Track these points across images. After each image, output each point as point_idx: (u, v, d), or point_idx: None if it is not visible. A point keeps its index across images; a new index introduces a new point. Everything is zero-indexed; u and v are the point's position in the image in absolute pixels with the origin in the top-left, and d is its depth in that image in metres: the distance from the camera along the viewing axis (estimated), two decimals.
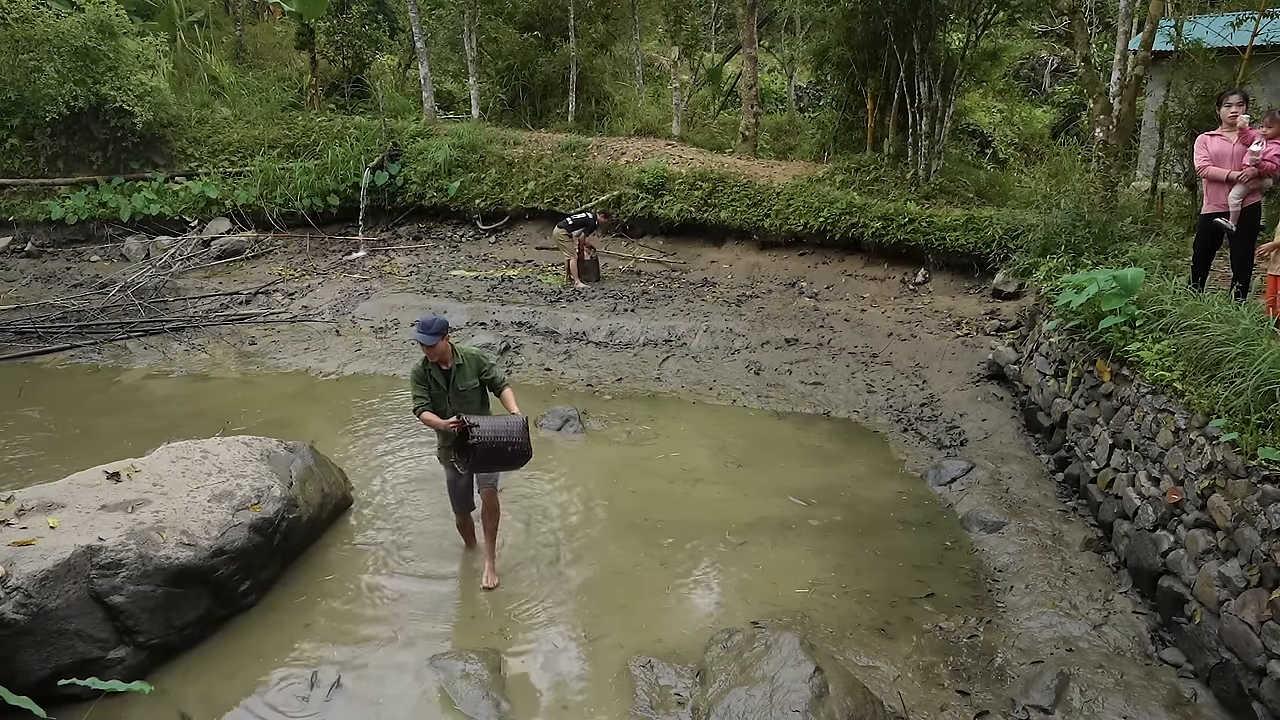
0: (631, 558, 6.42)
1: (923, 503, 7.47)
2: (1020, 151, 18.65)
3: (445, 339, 5.62)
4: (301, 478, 6.50)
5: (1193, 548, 5.22)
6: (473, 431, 5.49)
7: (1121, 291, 6.82)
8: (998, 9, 13.27)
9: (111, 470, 5.91)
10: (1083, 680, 5.05)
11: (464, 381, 5.77)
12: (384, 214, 15.99)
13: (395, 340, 11.26)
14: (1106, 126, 10.69)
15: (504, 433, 5.57)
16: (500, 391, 5.90)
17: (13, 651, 4.61)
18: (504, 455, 5.63)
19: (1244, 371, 5.15)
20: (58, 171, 15.04)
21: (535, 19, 18.88)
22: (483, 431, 5.52)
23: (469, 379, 5.78)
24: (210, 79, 18.03)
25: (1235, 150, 6.96)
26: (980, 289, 12.02)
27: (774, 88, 22.90)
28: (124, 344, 11.16)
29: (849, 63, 14.28)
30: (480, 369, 5.84)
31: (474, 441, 5.51)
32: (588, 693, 5.02)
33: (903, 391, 9.69)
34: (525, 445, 5.64)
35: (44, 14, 14.44)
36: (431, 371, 5.73)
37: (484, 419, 5.64)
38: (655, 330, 11.19)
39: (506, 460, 5.69)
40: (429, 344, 5.56)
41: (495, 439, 5.53)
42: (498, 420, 5.65)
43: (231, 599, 5.57)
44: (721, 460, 8.13)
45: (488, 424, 5.57)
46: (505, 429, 5.58)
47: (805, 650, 4.79)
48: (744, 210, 13.82)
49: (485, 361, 5.90)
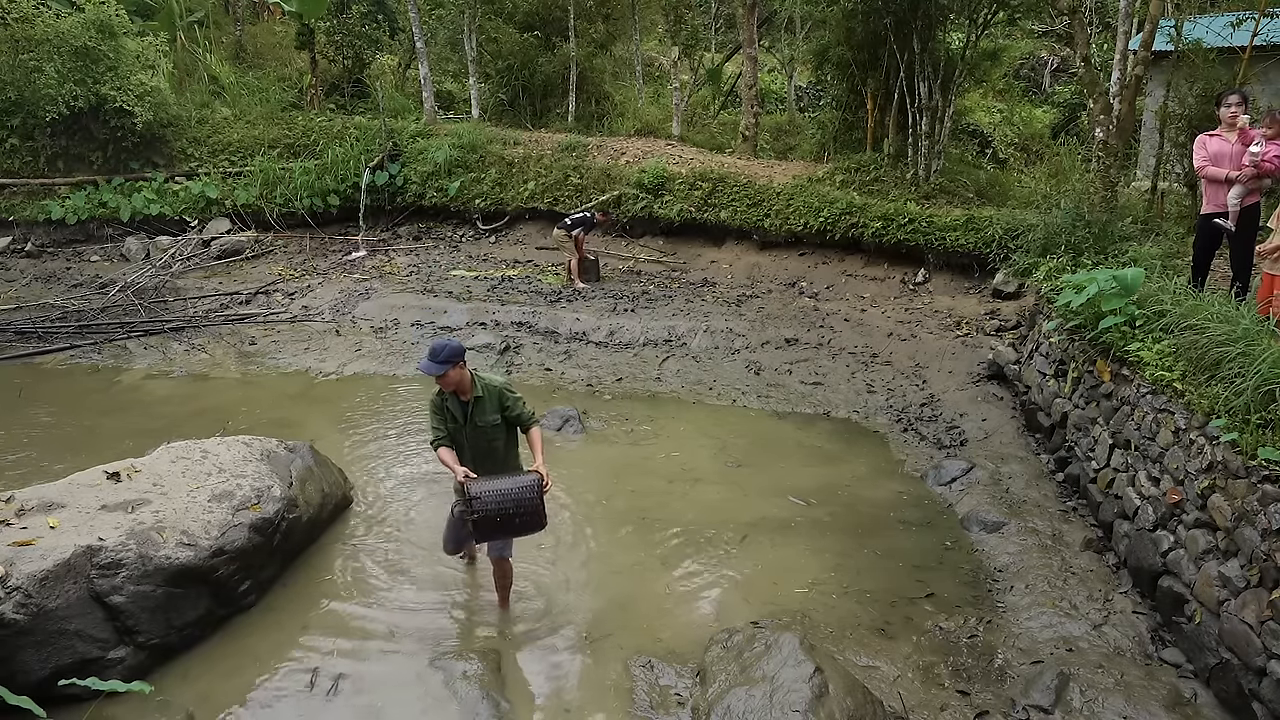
0: (631, 557, 6.42)
1: (923, 503, 7.47)
2: (1020, 151, 18.65)
3: (459, 368, 5.02)
4: (301, 478, 6.50)
5: (1193, 548, 5.22)
6: (473, 504, 4.87)
7: (1121, 291, 6.82)
8: (998, 9, 13.27)
9: (111, 470, 5.91)
10: (1083, 680, 5.05)
11: (483, 416, 5.19)
12: (384, 214, 15.99)
13: (395, 340, 11.27)
14: (1106, 126, 10.69)
15: (510, 500, 4.91)
16: (527, 430, 5.32)
17: (13, 651, 4.61)
18: (510, 526, 4.99)
19: (1244, 371, 5.15)
20: (58, 171, 15.04)
21: (535, 19, 18.88)
22: (485, 502, 4.86)
23: (489, 414, 5.19)
24: (210, 79, 18.03)
25: (1234, 150, 6.96)
26: (980, 289, 12.03)
27: (774, 88, 22.90)
28: (124, 344, 11.16)
29: (849, 63, 14.28)
30: (503, 404, 5.24)
31: (474, 516, 4.90)
32: (588, 693, 5.02)
33: (903, 391, 9.69)
34: (535, 512, 4.98)
35: (44, 14, 14.43)
36: (448, 402, 5.17)
37: (488, 484, 4.93)
38: (655, 330, 11.19)
39: (514, 530, 5.07)
40: (435, 374, 4.99)
41: (500, 508, 4.87)
42: (504, 483, 4.97)
43: (231, 599, 5.57)
44: (721, 460, 8.13)
45: (492, 490, 4.90)
46: (511, 495, 4.91)
47: (805, 650, 4.79)
48: (744, 210, 13.82)
49: (509, 396, 5.28)
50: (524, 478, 5.02)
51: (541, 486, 5.01)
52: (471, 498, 4.86)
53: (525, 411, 5.32)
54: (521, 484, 4.97)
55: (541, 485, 5.02)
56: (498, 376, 5.37)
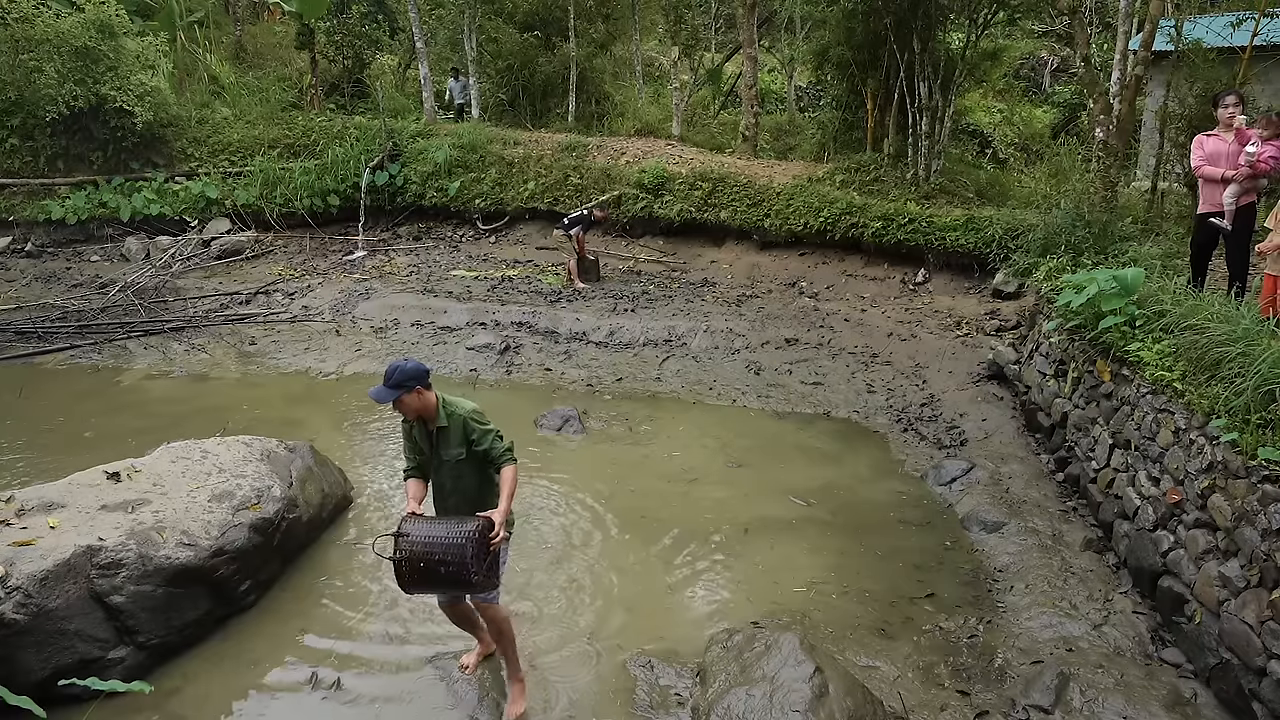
0: (631, 557, 6.42)
1: (923, 503, 7.47)
2: (1020, 151, 18.67)
3: (418, 393, 4.33)
4: (301, 478, 6.50)
5: (1193, 548, 5.21)
6: (398, 542, 4.20)
7: (1121, 291, 6.82)
8: (998, 9, 13.28)
9: (111, 470, 5.90)
10: (1083, 680, 5.04)
11: (448, 449, 4.49)
12: (384, 214, 16.00)
13: (395, 340, 11.27)
14: (1106, 126, 10.70)
15: (437, 545, 4.14)
16: (499, 469, 4.54)
17: (13, 651, 4.61)
18: (435, 577, 4.20)
19: (1244, 371, 5.15)
20: (58, 171, 15.05)
21: (535, 19, 18.90)
22: (411, 542, 4.18)
23: (453, 447, 4.48)
24: (210, 79, 18.05)
25: (1231, 150, 6.96)
26: (980, 289, 12.03)
27: (774, 88, 22.92)
28: (124, 344, 11.16)
29: (849, 63, 14.29)
30: (468, 436, 4.47)
31: (396, 556, 4.20)
32: (588, 692, 5.02)
33: (903, 391, 9.69)
34: (462, 565, 4.12)
35: (44, 14, 14.44)
36: (414, 430, 4.58)
37: (423, 524, 4.28)
38: (655, 330, 11.19)
39: (439, 582, 4.27)
40: (385, 401, 4.30)
41: (426, 552, 4.14)
42: (438, 527, 4.25)
43: (231, 599, 5.57)
44: (721, 460, 8.13)
45: (422, 531, 4.21)
46: (440, 540, 4.15)
47: (805, 650, 4.79)
48: (744, 210, 13.82)
49: (475, 426, 4.47)
50: (464, 523, 4.25)
51: (484, 537, 4.22)
52: (397, 535, 4.24)
53: (496, 447, 4.50)
54: (458, 529, 4.19)
55: (484, 535, 4.22)
56: (466, 402, 4.55)
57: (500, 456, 4.52)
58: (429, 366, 4.48)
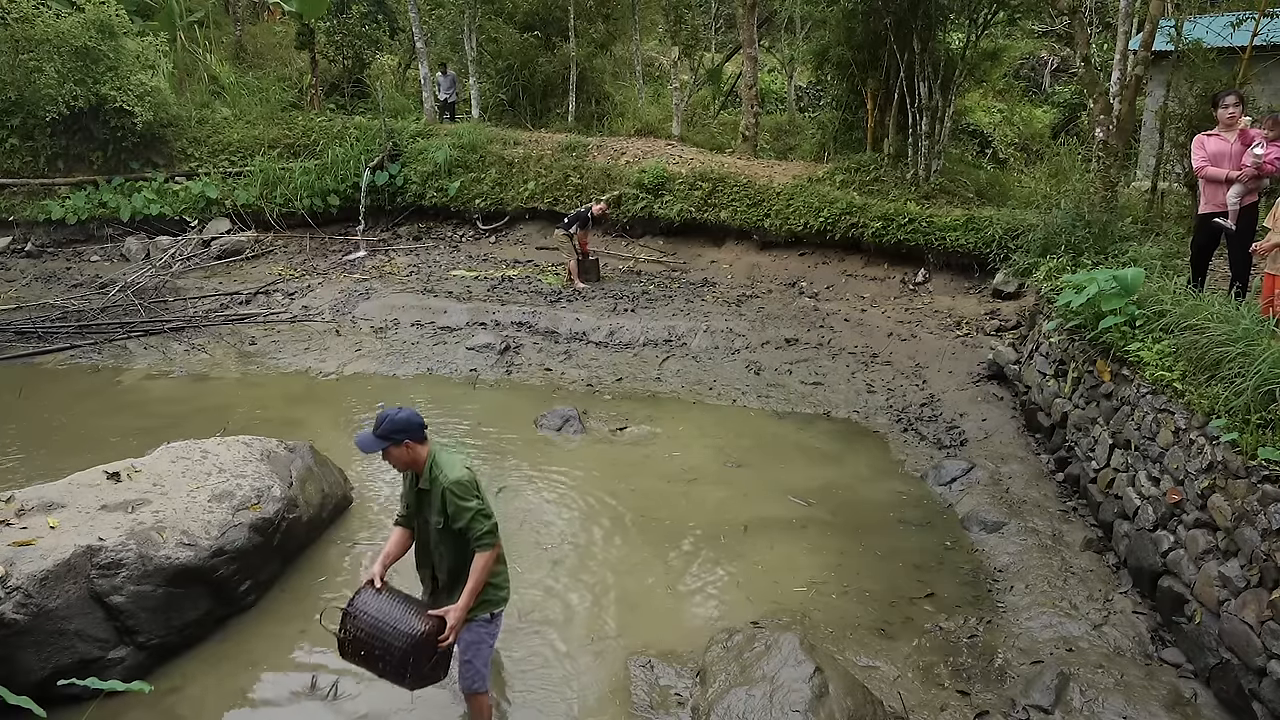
0: (631, 557, 6.42)
1: (923, 503, 7.47)
2: (1020, 151, 18.67)
3: (406, 447, 3.96)
4: (301, 478, 6.50)
5: (1193, 548, 5.22)
6: (344, 617, 3.96)
7: (1121, 291, 6.82)
8: (998, 9, 13.28)
9: (111, 470, 5.91)
10: (1083, 680, 5.04)
11: (429, 512, 4.07)
12: (384, 214, 16.01)
13: (395, 340, 11.27)
14: (1106, 126, 10.70)
15: (380, 639, 3.88)
16: (474, 551, 4.00)
17: (13, 651, 4.61)
18: (373, 662, 3.97)
19: (1244, 371, 5.15)
20: (58, 171, 15.05)
21: (535, 19, 18.90)
22: (357, 623, 3.93)
23: (433, 513, 4.04)
24: (210, 79, 18.06)
25: (1234, 150, 6.96)
26: (980, 289, 12.03)
27: (774, 88, 22.92)
28: (124, 344, 11.16)
29: (849, 63, 14.30)
30: (445, 507, 3.97)
31: (340, 634, 3.99)
32: (588, 692, 5.02)
33: (903, 391, 9.69)
34: (399, 665, 3.91)
35: (44, 14, 14.44)
36: (405, 478, 4.23)
37: (377, 603, 3.96)
38: (655, 330, 11.19)
39: (377, 669, 4.01)
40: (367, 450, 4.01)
41: (369, 641, 3.90)
42: (388, 612, 3.93)
43: (231, 599, 5.57)
44: (721, 460, 8.13)
45: (372, 613, 3.92)
46: (385, 630, 3.88)
47: (805, 650, 4.79)
48: (744, 210, 13.83)
49: (455, 500, 3.94)
50: (416, 619, 3.93)
51: (432, 640, 3.92)
52: (346, 611, 3.97)
53: (474, 528, 3.95)
54: (406, 625, 3.90)
55: (432, 638, 3.92)
56: (455, 470, 3.99)
57: (478, 539, 3.97)
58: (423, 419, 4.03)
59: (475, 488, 4.02)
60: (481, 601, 4.11)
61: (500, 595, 4.25)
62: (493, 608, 4.20)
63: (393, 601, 4.00)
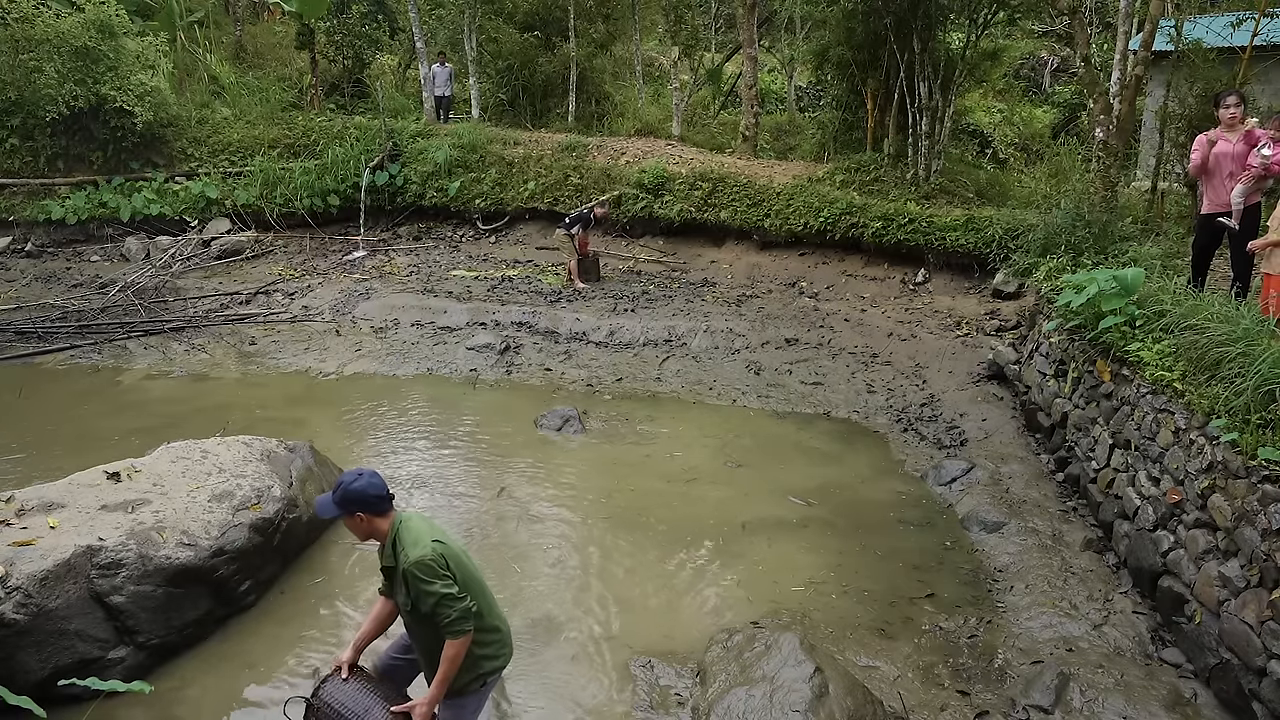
0: (631, 557, 6.42)
1: (923, 503, 7.47)
2: (1020, 151, 18.67)
3: (358, 519, 3.66)
4: (302, 478, 6.50)
5: (1193, 548, 5.22)
6: (308, 706, 3.81)
7: (1121, 291, 6.82)
8: (998, 9, 13.28)
9: (111, 470, 5.91)
10: (1083, 680, 5.04)
11: (399, 592, 3.71)
12: (384, 214, 16.01)
13: (395, 340, 11.27)
14: (1106, 126, 10.70)
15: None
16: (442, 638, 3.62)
17: (13, 651, 4.61)
18: None
19: (1244, 371, 5.16)
20: (58, 171, 15.05)
21: (535, 19, 18.90)
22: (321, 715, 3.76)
23: (400, 594, 3.69)
24: (210, 79, 18.05)
25: (1236, 150, 6.96)
26: (980, 289, 12.03)
27: (774, 88, 22.92)
28: (124, 344, 11.16)
29: (849, 63, 14.30)
30: (409, 588, 3.61)
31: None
32: (588, 693, 5.02)
33: (903, 391, 9.69)
34: None
35: (44, 14, 14.44)
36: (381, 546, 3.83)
37: (338, 691, 3.76)
38: (655, 330, 11.19)
39: None
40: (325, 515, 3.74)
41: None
42: (359, 704, 3.73)
43: (231, 599, 5.57)
44: (721, 460, 8.13)
45: (334, 706, 3.73)
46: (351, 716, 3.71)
47: (805, 650, 4.79)
48: (744, 210, 13.83)
49: (417, 582, 3.56)
50: (380, 714, 3.71)
51: None
52: (309, 699, 3.81)
53: (441, 614, 3.55)
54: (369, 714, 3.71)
55: None
56: (420, 544, 3.59)
57: (446, 626, 3.57)
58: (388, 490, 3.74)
59: (440, 566, 3.57)
60: (474, 677, 3.75)
61: (494, 665, 3.83)
62: (486, 678, 3.82)
63: (360, 692, 3.77)
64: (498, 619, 3.89)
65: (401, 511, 3.79)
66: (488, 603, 3.82)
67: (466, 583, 3.68)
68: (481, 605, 3.75)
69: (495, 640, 3.84)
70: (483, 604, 3.77)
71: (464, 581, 3.66)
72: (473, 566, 3.81)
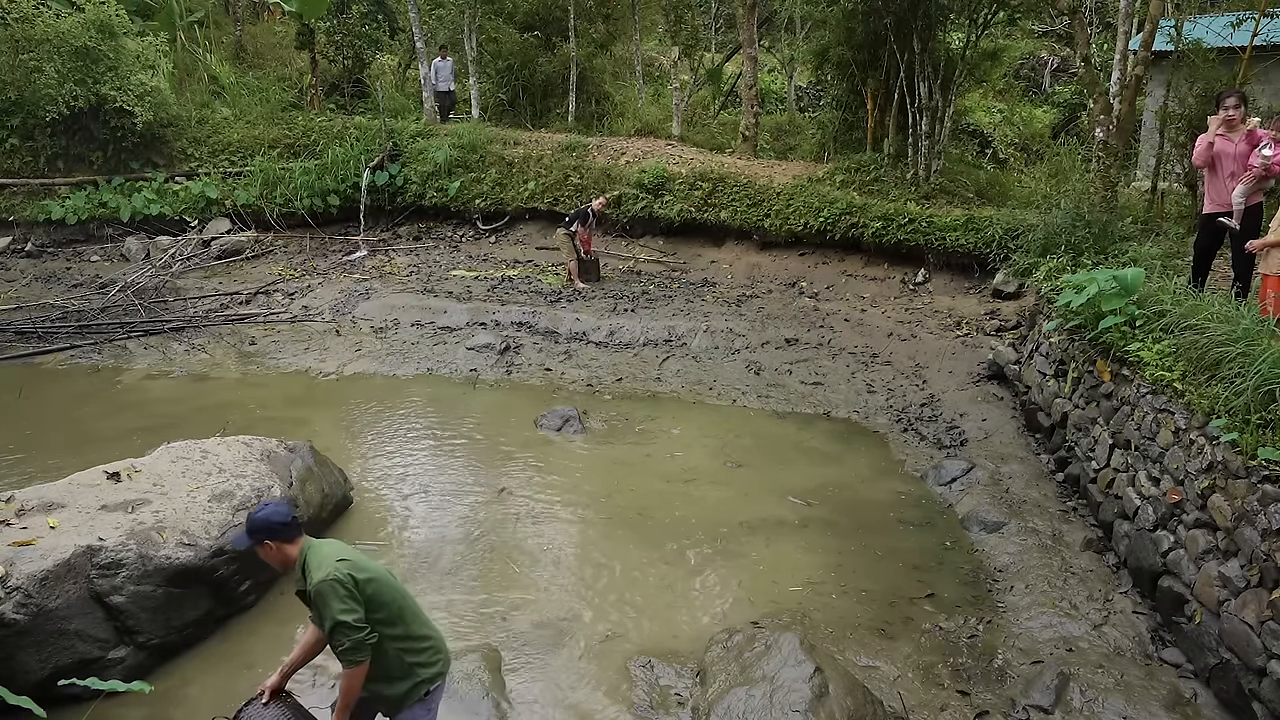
0: (631, 557, 6.42)
1: (923, 503, 7.47)
2: (1020, 151, 18.66)
3: (265, 547, 3.62)
4: (301, 478, 6.50)
5: (1193, 548, 5.22)
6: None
7: (1121, 291, 6.82)
8: (998, 9, 13.28)
9: (111, 470, 5.91)
10: (1083, 680, 5.04)
11: (314, 616, 3.66)
12: (384, 214, 16.00)
13: (395, 340, 11.27)
14: (1106, 126, 10.69)
15: None
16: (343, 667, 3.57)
17: (13, 651, 4.61)
18: None
19: (1244, 371, 5.16)
20: (58, 171, 15.05)
21: (535, 19, 18.90)
22: None
23: (316, 619, 3.63)
24: (210, 79, 18.04)
25: (1238, 150, 6.96)
26: (980, 289, 12.02)
27: (774, 88, 22.91)
28: (124, 344, 11.16)
29: (849, 63, 14.29)
30: (320, 614, 3.54)
31: None
32: (588, 692, 5.02)
33: (903, 391, 9.69)
34: None
35: (44, 14, 14.44)
36: None
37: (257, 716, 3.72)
38: (655, 330, 11.19)
39: None
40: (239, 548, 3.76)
41: None
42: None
43: (232, 599, 5.57)
44: (721, 460, 8.13)
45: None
46: None
47: (805, 650, 4.79)
48: (744, 210, 13.82)
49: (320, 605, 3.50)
50: None
51: None
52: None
53: (336, 641, 3.50)
54: None
55: None
56: (325, 565, 3.54)
57: (339, 653, 3.51)
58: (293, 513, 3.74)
59: (342, 588, 3.48)
60: (412, 686, 3.70)
61: (431, 672, 3.76)
62: (427, 686, 3.76)
63: (280, 714, 3.74)
64: (426, 628, 3.84)
65: (311, 539, 3.77)
66: (413, 613, 3.80)
67: (379, 599, 3.60)
68: (406, 616, 3.73)
69: (427, 648, 3.79)
70: (407, 615, 3.74)
71: (377, 598, 3.59)
72: (393, 583, 3.76)
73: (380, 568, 3.79)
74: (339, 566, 3.53)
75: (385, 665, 3.66)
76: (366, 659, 3.55)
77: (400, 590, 3.80)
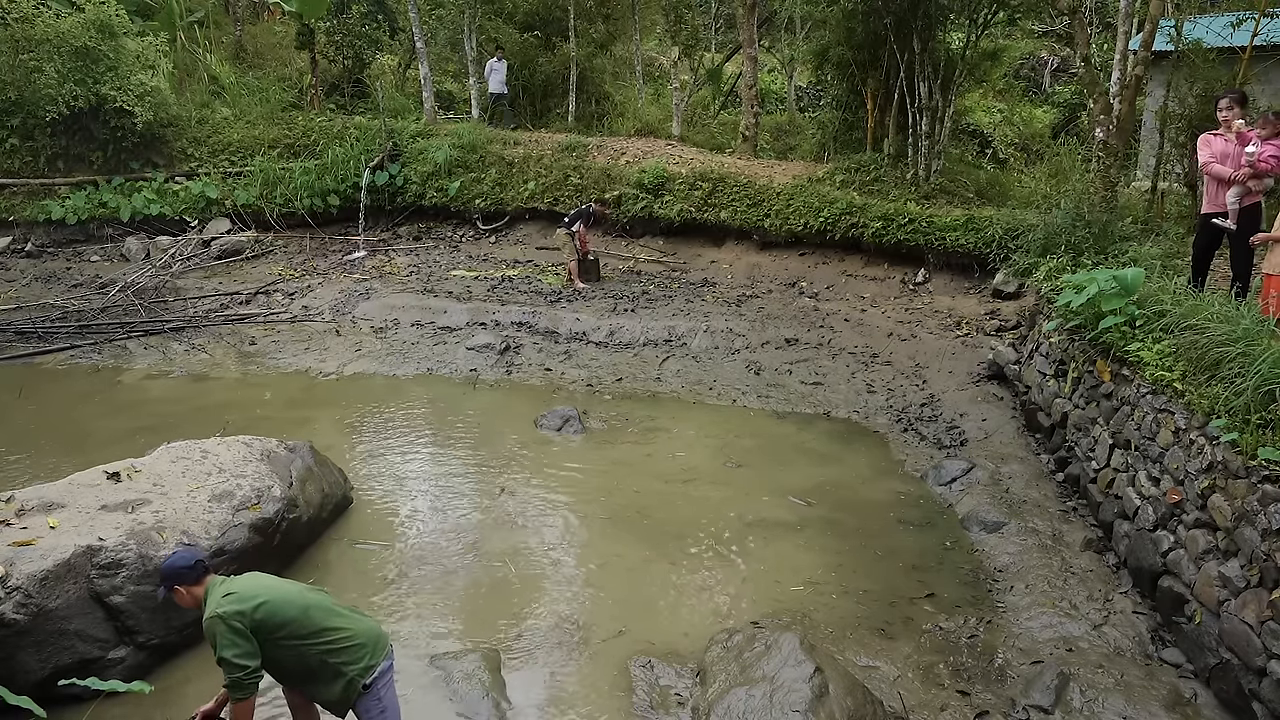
0: (631, 557, 6.42)
1: (922, 503, 7.47)
2: (1020, 151, 18.66)
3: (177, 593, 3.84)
4: (301, 478, 6.50)
5: (1193, 548, 5.22)
6: None
7: (1121, 291, 6.82)
8: (998, 9, 13.27)
9: (111, 470, 5.91)
10: (1083, 680, 5.05)
11: None
12: (384, 214, 16.00)
13: (395, 340, 11.27)
14: (1106, 126, 10.69)
15: None
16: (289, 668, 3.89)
17: (13, 651, 4.61)
18: None
19: (1244, 371, 5.16)
20: (58, 171, 15.05)
21: (535, 19, 18.90)
22: None
23: None
24: (210, 79, 18.03)
25: (1235, 151, 6.97)
26: (980, 289, 12.02)
27: (774, 88, 22.91)
28: (124, 344, 11.16)
29: (849, 63, 14.29)
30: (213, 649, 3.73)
31: None
32: (588, 692, 5.02)
33: (903, 391, 9.69)
34: None
35: (44, 14, 14.43)
36: None
37: None
38: (655, 330, 11.19)
39: None
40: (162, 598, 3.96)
41: None
42: None
43: None
44: (721, 460, 8.13)
45: None
46: None
47: (805, 650, 4.79)
48: (744, 210, 13.82)
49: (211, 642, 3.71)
50: None
51: None
52: None
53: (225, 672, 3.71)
54: None
55: None
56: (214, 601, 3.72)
57: (226, 687, 3.74)
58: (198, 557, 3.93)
59: (221, 624, 3.63)
60: (346, 682, 3.84)
61: (360, 666, 3.87)
62: (362, 679, 3.87)
63: None
64: (344, 621, 3.93)
65: (216, 577, 3.92)
66: (325, 612, 3.89)
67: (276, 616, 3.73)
68: (315, 617, 3.83)
69: (349, 644, 3.88)
70: (316, 616, 3.84)
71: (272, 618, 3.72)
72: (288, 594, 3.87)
73: (272, 583, 3.92)
74: (223, 603, 3.70)
75: (311, 670, 3.85)
76: (250, 695, 3.74)
77: (302, 597, 3.91)
